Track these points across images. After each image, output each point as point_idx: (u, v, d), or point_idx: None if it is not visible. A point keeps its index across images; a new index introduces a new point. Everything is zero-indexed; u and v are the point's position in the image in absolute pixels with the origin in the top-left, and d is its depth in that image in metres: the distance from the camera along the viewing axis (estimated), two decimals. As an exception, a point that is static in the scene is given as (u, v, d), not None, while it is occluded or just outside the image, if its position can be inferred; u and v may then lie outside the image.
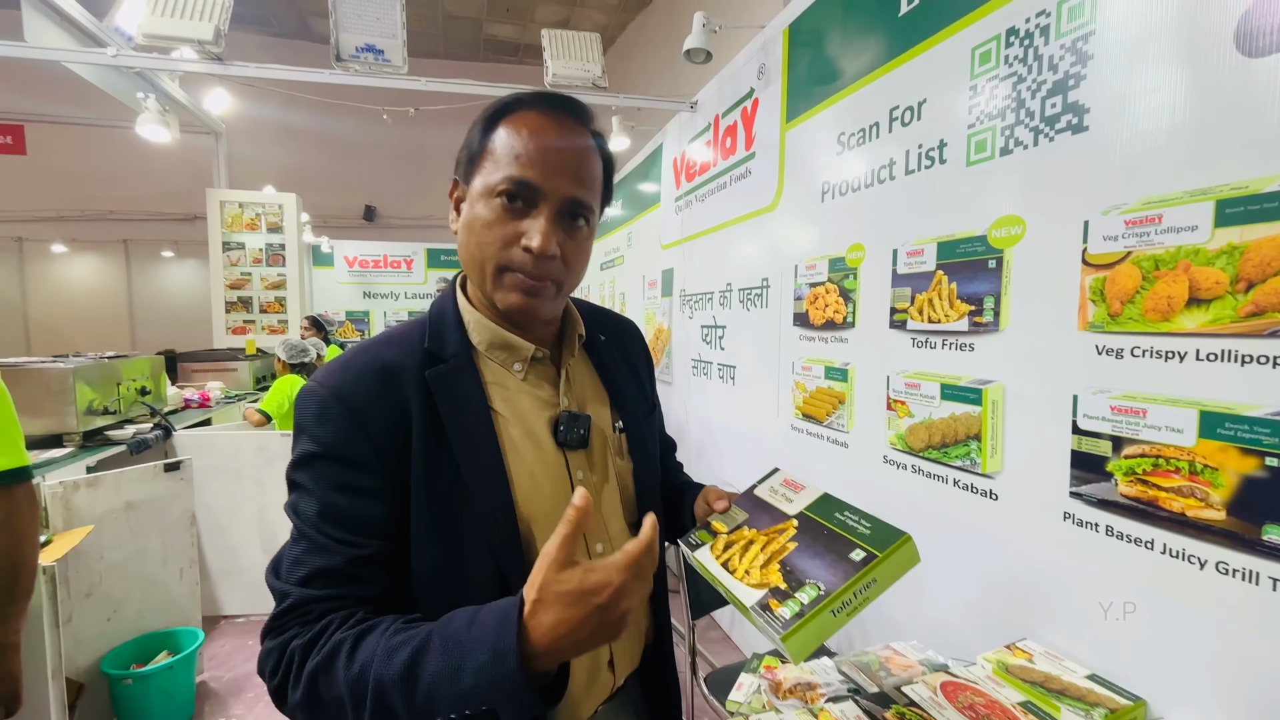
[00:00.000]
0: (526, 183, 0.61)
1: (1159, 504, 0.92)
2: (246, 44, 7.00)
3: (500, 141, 0.63)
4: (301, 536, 0.59)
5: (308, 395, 0.62)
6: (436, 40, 7.65)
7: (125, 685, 1.98)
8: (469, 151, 0.67)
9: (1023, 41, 1.14)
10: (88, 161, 7.19)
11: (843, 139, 1.69)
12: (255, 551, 2.83)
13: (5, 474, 1.11)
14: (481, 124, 0.66)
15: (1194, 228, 0.88)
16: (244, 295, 5.04)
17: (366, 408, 0.60)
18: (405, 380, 0.62)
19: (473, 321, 0.69)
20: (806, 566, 0.64)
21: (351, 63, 2.38)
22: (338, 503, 0.58)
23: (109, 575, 2.04)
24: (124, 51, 2.50)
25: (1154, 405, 0.92)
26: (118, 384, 2.59)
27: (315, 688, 0.53)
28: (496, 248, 0.62)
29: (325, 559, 0.57)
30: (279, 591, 0.58)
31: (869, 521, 0.67)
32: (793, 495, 0.76)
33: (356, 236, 7.83)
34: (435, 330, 0.67)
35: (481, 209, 0.63)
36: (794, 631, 0.57)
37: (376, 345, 0.66)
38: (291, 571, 0.58)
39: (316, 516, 0.58)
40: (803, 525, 0.70)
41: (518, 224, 0.62)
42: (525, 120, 0.63)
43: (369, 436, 0.59)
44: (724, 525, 0.76)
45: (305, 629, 0.55)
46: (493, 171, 0.62)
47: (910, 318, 1.42)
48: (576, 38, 2.67)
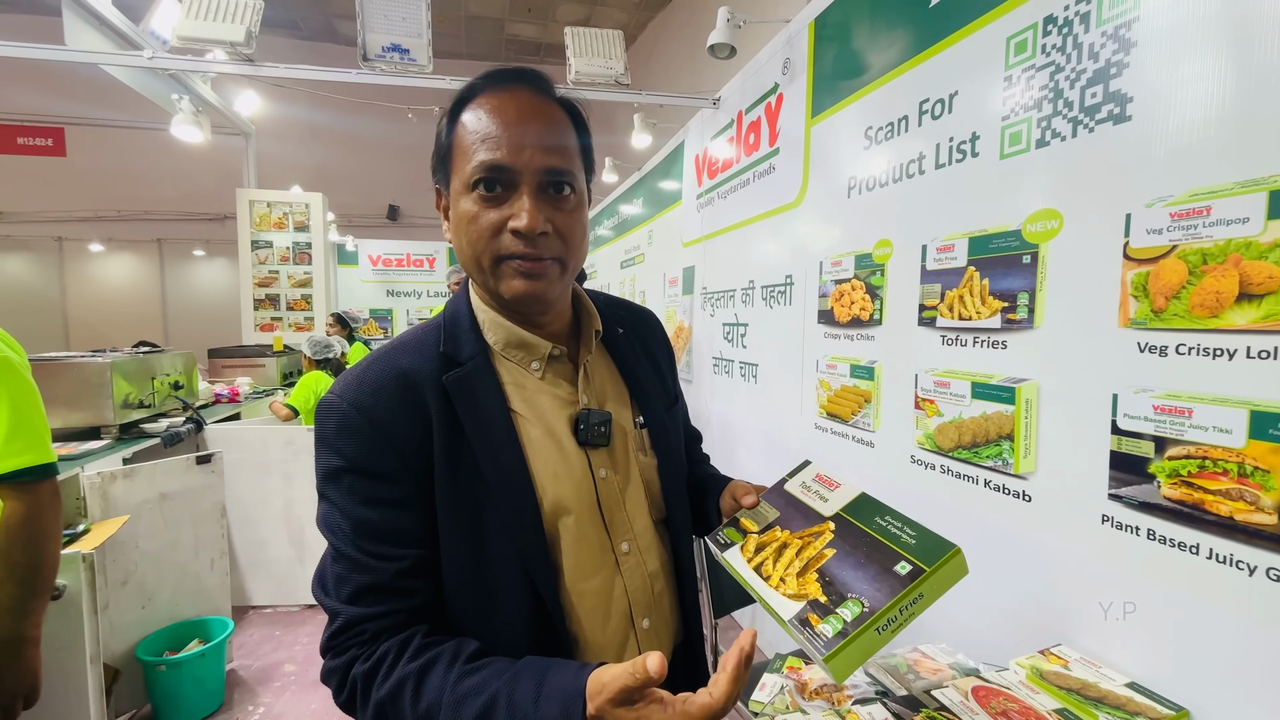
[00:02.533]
0: (497, 165, 0.59)
1: (1205, 507, 0.88)
2: (276, 46, 7.15)
3: (462, 132, 0.61)
4: (340, 555, 0.59)
5: (328, 408, 0.61)
6: (459, 40, 7.73)
7: (159, 672, 2.03)
8: (438, 153, 0.65)
9: (1061, 30, 1.11)
10: (124, 163, 7.42)
11: (870, 133, 1.66)
12: (282, 544, 2.88)
13: (31, 470, 1.10)
14: (445, 121, 0.64)
15: (1245, 220, 0.84)
16: (272, 293, 5.15)
17: (387, 419, 0.60)
18: (423, 387, 0.62)
19: (487, 321, 0.68)
20: (847, 579, 0.60)
21: (378, 62, 2.41)
22: (370, 517, 0.59)
23: (144, 564, 2.10)
24: (159, 54, 2.56)
25: (1201, 405, 0.89)
26: (152, 378, 2.66)
27: (384, 717, 0.55)
28: (486, 239, 0.60)
29: (368, 576, 0.58)
30: (329, 609, 0.60)
31: (914, 530, 0.63)
32: (827, 493, 0.72)
33: (380, 235, 7.95)
34: (450, 333, 0.66)
35: (464, 205, 0.61)
36: (838, 652, 0.54)
37: (392, 353, 0.65)
38: (338, 589, 0.59)
39: (352, 533, 0.59)
40: (840, 529, 0.66)
41: (501, 210, 0.60)
42: (481, 104, 0.61)
43: (392, 447, 0.59)
44: (754, 524, 0.72)
45: (364, 651, 0.57)
46: (463, 165, 0.61)
47: (940, 315, 1.39)
48: (599, 35, 2.67)
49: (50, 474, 1.14)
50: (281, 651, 2.54)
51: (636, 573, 0.70)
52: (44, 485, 1.13)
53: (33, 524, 1.10)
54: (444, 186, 0.65)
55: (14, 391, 1.09)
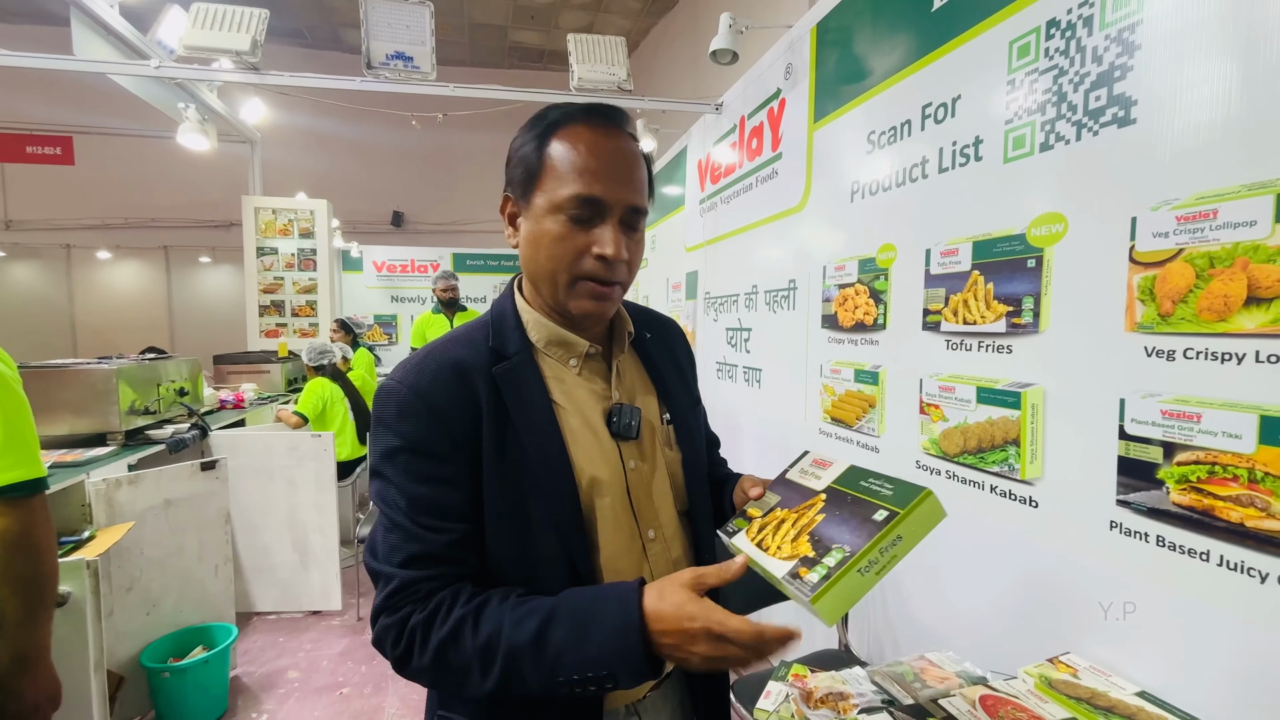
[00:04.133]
0: (594, 199, 0.65)
1: (1215, 513, 0.87)
2: (281, 55, 7.20)
3: (558, 158, 0.67)
4: (394, 525, 0.65)
5: (389, 394, 0.67)
6: (462, 48, 7.77)
7: (163, 678, 2.03)
8: (525, 168, 0.69)
9: (1064, 33, 1.10)
10: (131, 171, 7.47)
11: (873, 138, 1.66)
12: (286, 550, 2.88)
13: (24, 485, 1.09)
14: (533, 140, 0.69)
15: (1252, 223, 0.83)
16: (276, 299, 5.16)
17: (444, 403, 0.65)
18: (475, 377, 0.68)
19: (531, 321, 0.74)
20: (833, 533, 0.65)
21: (382, 70, 2.43)
22: (424, 493, 0.64)
23: (148, 570, 2.10)
24: (166, 64, 2.59)
25: (1210, 409, 0.88)
26: (158, 385, 2.67)
27: (444, 656, 0.60)
28: (569, 260, 0.67)
29: (420, 545, 0.63)
30: (383, 574, 0.64)
31: (891, 483, 0.69)
32: (821, 472, 0.78)
33: (385, 241, 7.97)
34: (498, 330, 0.73)
35: (550, 225, 0.67)
36: (822, 593, 0.58)
37: (447, 345, 0.71)
38: (391, 556, 0.64)
39: (408, 507, 0.64)
40: (830, 498, 0.72)
41: (587, 235, 0.66)
42: (579, 135, 0.67)
43: (447, 430, 0.65)
44: (758, 510, 0.77)
45: (419, 606, 0.62)
46: (557, 188, 0.66)
47: (944, 319, 1.39)
48: (602, 42, 2.68)
49: (41, 488, 1.13)
50: (285, 658, 2.53)
51: (662, 559, 0.75)
52: (36, 499, 1.12)
53: (29, 537, 1.10)
54: (521, 198, 0.71)
55: (6, 406, 1.09)
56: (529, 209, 0.69)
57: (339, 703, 2.24)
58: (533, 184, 0.69)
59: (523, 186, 0.70)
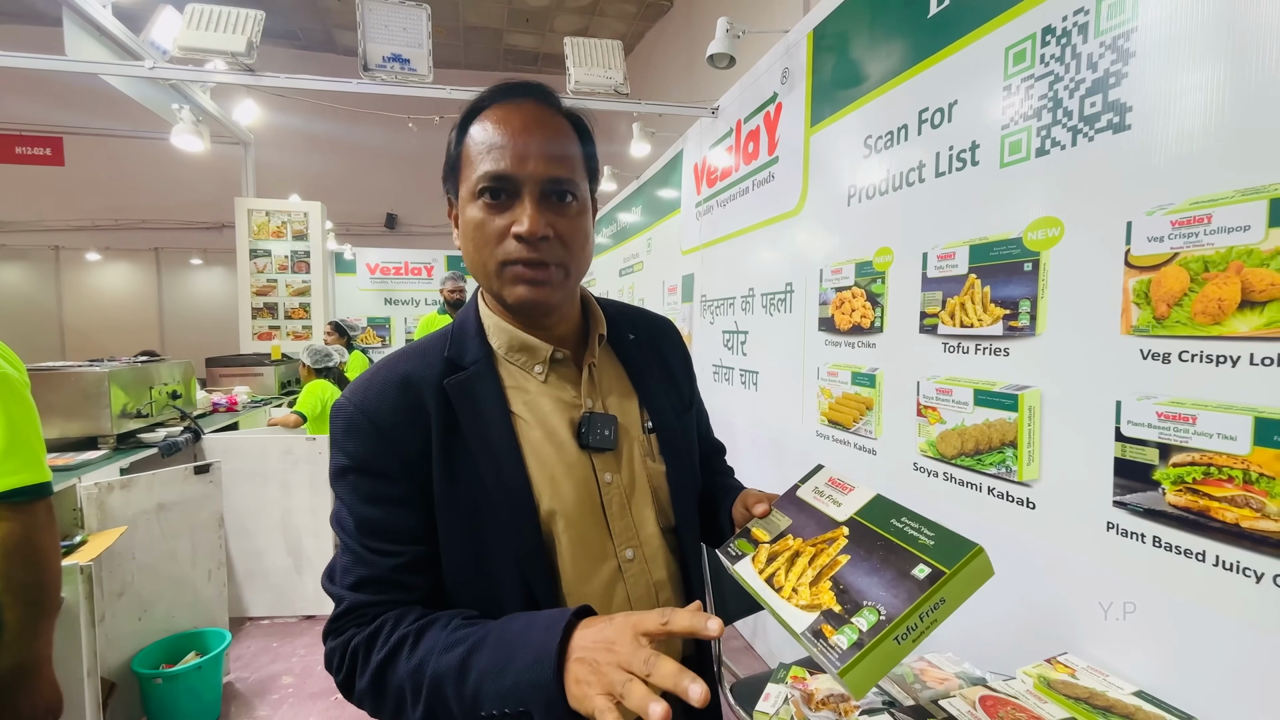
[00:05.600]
0: (501, 174, 0.61)
1: (1211, 514, 0.88)
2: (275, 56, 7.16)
3: (470, 143, 0.64)
4: (346, 548, 0.63)
5: (338, 411, 0.65)
6: (458, 50, 7.77)
7: (155, 685, 2.00)
8: (448, 164, 0.68)
9: (1060, 40, 1.12)
10: (122, 172, 7.41)
11: (870, 142, 1.67)
12: (280, 554, 2.86)
13: (27, 489, 1.08)
14: (454, 132, 0.67)
15: (1246, 228, 0.85)
16: (270, 301, 5.14)
17: (390, 421, 0.62)
18: (425, 391, 0.64)
19: (491, 326, 0.70)
20: (863, 585, 0.56)
21: (379, 72, 2.42)
22: (372, 515, 0.62)
23: (140, 575, 2.08)
24: (160, 64, 2.57)
25: (1205, 411, 0.89)
26: (150, 388, 2.65)
27: (382, 678, 0.57)
28: (492, 245, 0.63)
29: (369, 569, 0.61)
30: (334, 595, 0.63)
31: (932, 530, 0.59)
32: (841, 497, 0.67)
33: (378, 244, 7.95)
34: (456, 339, 0.69)
35: (472, 212, 0.64)
36: (853, 664, 0.50)
37: (399, 359, 0.68)
38: (343, 579, 0.62)
39: (356, 529, 0.62)
40: (854, 533, 0.62)
41: (505, 216, 0.62)
42: (488, 116, 0.64)
43: (394, 449, 0.62)
44: (766, 533, 0.69)
45: (362, 628, 0.60)
46: (469, 174, 0.64)
47: (941, 322, 1.40)
48: (598, 45, 2.69)
49: (45, 493, 1.12)
50: (279, 663, 2.51)
51: (640, 580, 0.69)
52: (40, 504, 1.11)
53: (32, 543, 1.09)
54: (454, 196, 0.68)
55: (12, 409, 1.08)
56: (457, 203, 0.67)
57: (334, 708, 2.22)
58: (456, 176, 0.66)
59: (451, 182, 0.67)
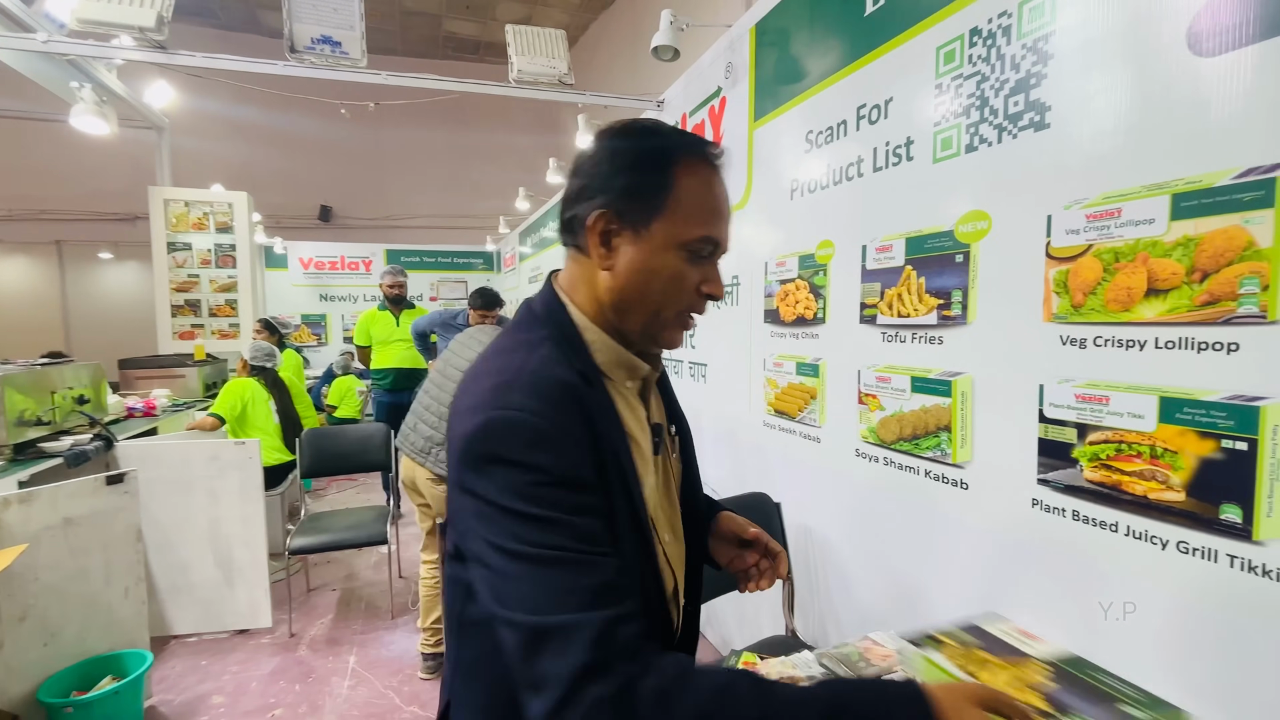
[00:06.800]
0: (717, 242, 0.67)
1: (1122, 488, 0.95)
2: (190, 35, 6.68)
3: (689, 194, 0.65)
4: (555, 565, 0.55)
5: (511, 425, 0.58)
6: (394, 36, 7.47)
7: (66, 714, 1.84)
8: (645, 193, 0.64)
9: (986, 41, 1.17)
10: (15, 157, 6.75)
11: (811, 137, 1.71)
12: (208, 567, 2.69)
13: None
14: (653, 164, 0.65)
15: (1151, 221, 0.91)
16: (192, 298, 4.79)
17: (580, 432, 0.61)
18: (585, 400, 0.63)
19: (597, 341, 0.69)
20: (1078, 706, 0.65)
21: (307, 54, 2.29)
22: (584, 525, 0.57)
23: (45, 597, 1.90)
24: (55, 38, 2.34)
25: (1116, 392, 0.95)
26: (52, 393, 2.42)
27: None
28: (683, 295, 0.67)
29: (597, 576, 0.55)
30: (558, 627, 0.52)
31: (1136, 690, 0.69)
32: (1024, 640, 0.81)
33: (312, 237, 7.55)
34: (566, 350, 0.67)
35: (670, 260, 0.65)
36: None
37: (547, 365, 0.64)
38: (565, 601, 0.53)
39: (574, 539, 0.56)
40: (1057, 672, 0.73)
41: (698, 272, 0.67)
42: (702, 173, 0.66)
43: (587, 459, 0.61)
44: (951, 640, 0.81)
45: (636, 664, 0.52)
46: (684, 226, 0.64)
47: (880, 312, 1.45)
48: (541, 34, 2.64)
49: None
50: (208, 683, 2.36)
51: (677, 560, 0.77)
52: None
53: None
54: (631, 222, 0.65)
55: None
56: (643, 236, 0.64)
57: (271, 726, 2.11)
58: (655, 213, 0.64)
59: (639, 211, 0.64)
